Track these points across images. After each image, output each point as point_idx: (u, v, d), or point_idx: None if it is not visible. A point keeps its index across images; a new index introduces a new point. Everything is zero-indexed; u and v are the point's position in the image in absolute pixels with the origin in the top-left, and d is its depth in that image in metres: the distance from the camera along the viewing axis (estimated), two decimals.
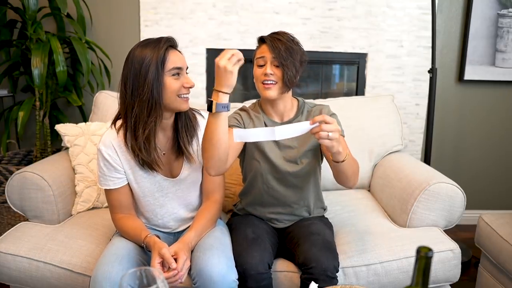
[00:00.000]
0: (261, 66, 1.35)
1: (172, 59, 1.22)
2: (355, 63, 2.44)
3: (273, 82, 1.33)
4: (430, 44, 2.20)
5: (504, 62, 2.46)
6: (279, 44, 1.32)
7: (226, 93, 1.10)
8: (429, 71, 2.18)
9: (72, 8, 2.16)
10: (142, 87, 1.19)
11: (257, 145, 1.43)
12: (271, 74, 1.32)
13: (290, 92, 1.43)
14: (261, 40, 1.39)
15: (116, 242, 1.31)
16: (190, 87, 1.26)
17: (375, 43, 2.39)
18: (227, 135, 1.17)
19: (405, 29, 2.38)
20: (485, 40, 2.42)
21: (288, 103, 1.44)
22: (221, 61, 1.07)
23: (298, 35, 2.31)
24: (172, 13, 2.30)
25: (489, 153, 2.62)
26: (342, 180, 1.30)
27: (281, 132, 1.11)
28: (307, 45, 2.35)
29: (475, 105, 2.55)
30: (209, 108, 1.12)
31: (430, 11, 2.21)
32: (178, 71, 1.24)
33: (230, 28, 2.32)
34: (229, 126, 1.38)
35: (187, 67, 1.29)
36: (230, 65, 1.07)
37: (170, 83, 1.22)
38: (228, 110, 1.13)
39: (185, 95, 1.25)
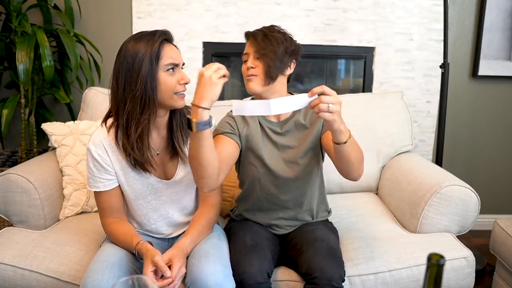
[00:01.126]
0: (245, 61, 1.38)
1: (168, 54, 1.23)
2: (362, 57, 2.44)
3: (254, 75, 1.35)
4: (442, 37, 2.20)
5: None
6: (259, 35, 1.36)
7: (206, 108, 1.08)
8: (440, 66, 2.19)
9: None
10: (135, 82, 1.19)
11: (252, 149, 1.43)
12: (252, 67, 1.34)
13: (283, 89, 1.42)
14: (245, 35, 1.42)
15: (107, 248, 1.31)
16: (186, 83, 1.26)
17: (383, 36, 2.39)
18: (214, 151, 1.16)
19: (415, 21, 2.38)
20: (501, 32, 2.42)
21: None
22: (206, 71, 1.07)
23: (301, 28, 2.33)
24: (167, 4, 2.30)
25: (505, 154, 2.62)
26: (346, 168, 1.24)
27: (277, 105, 1.10)
28: (311, 39, 2.36)
29: (490, 102, 2.55)
30: (189, 127, 1.10)
31: (442, 2, 2.21)
32: (173, 67, 1.24)
33: (228, 20, 2.33)
34: (223, 133, 1.38)
35: (184, 63, 1.29)
36: (216, 76, 1.07)
37: (165, 79, 1.22)
38: (211, 126, 1.11)
39: (181, 92, 1.26)
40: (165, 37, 1.24)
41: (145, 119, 1.23)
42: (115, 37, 2.32)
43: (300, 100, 1.11)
